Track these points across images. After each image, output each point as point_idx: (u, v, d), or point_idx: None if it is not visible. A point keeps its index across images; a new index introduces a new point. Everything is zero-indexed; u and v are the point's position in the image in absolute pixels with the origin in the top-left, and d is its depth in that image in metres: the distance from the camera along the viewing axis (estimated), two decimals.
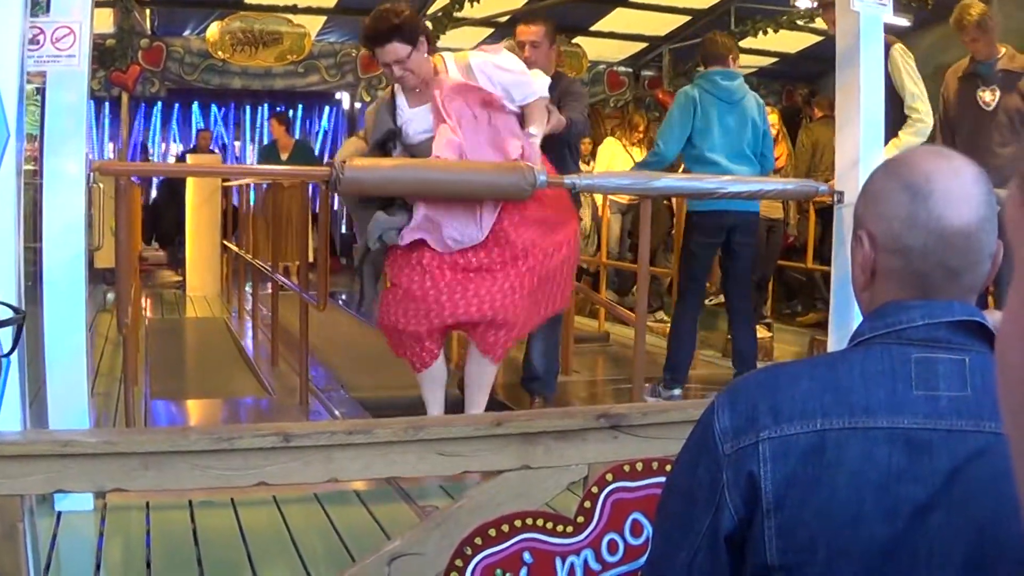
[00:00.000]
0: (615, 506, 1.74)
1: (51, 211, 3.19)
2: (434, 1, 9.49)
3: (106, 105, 11.93)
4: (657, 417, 2.00)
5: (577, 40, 11.02)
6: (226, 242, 9.30)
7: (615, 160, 8.12)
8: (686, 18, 10.44)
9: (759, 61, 10.86)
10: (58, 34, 3.14)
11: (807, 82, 10.85)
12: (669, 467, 1.67)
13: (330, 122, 14.17)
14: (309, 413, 4.70)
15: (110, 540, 3.06)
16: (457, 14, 9.46)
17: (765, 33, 9.61)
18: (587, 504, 1.74)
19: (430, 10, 9.76)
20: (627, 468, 1.76)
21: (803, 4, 8.83)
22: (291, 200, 7.56)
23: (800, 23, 9.40)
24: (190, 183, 9.75)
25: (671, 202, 6.70)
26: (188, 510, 3.24)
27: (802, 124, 8.24)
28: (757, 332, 6.64)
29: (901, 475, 1.06)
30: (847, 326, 3.64)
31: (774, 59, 10.95)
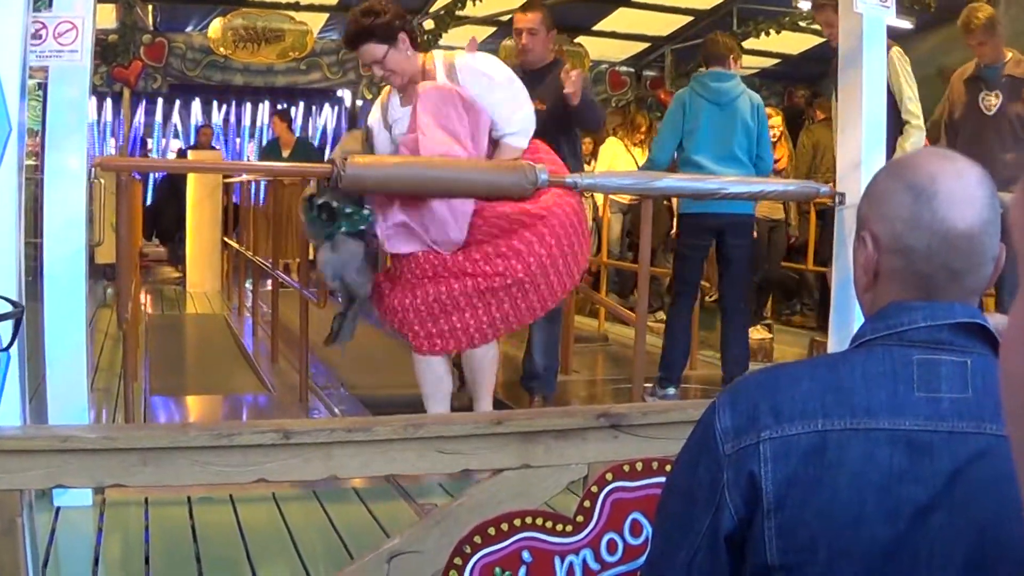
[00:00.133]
0: (615, 506, 1.74)
1: (52, 206, 3.19)
2: None
3: (108, 101, 11.94)
4: (657, 417, 2.00)
5: (579, 40, 11.04)
6: (227, 239, 9.31)
7: (616, 160, 8.12)
8: (688, 18, 10.46)
9: (761, 62, 10.88)
10: (60, 29, 3.14)
11: (809, 83, 10.85)
12: (669, 467, 1.67)
13: (332, 119, 14.17)
14: (309, 410, 4.69)
15: (109, 536, 3.06)
16: (459, 12, 9.46)
17: (767, 34, 9.61)
18: (587, 503, 1.74)
19: (432, 8, 9.77)
20: (627, 468, 1.76)
21: (805, 5, 8.82)
22: (292, 197, 7.56)
23: (802, 24, 9.41)
24: (191, 179, 9.75)
25: (671, 203, 6.70)
26: (187, 506, 3.24)
27: (804, 125, 8.23)
28: (758, 333, 6.66)
29: (902, 476, 1.06)
30: (848, 327, 3.63)
31: (776, 60, 10.97)
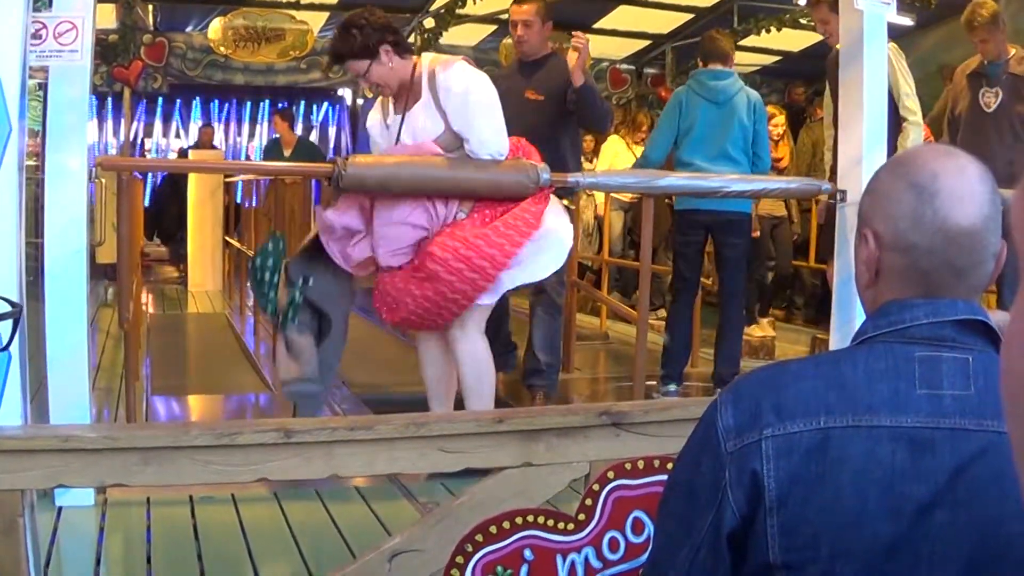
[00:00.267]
0: (616, 504, 1.74)
1: (53, 206, 3.18)
2: None
3: (109, 100, 11.94)
4: (659, 415, 2.00)
5: None
6: (228, 238, 9.31)
7: (618, 158, 8.12)
8: (689, 16, 10.44)
9: (762, 59, 10.85)
10: (60, 29, 3.14)
11: (810, 81, 10.83)
12: (671, 465, 1.67)
13: (332, 118, 14.16)
14: None
15: (110, 535, 3.06)
16: (459, 10, 9.45)
17: (768, 31, 9.58)
18: (588, 501, 1.74)
19: (432, 7, 9.77)
20: (628, 466, 1.76)
21: (806, 2, 8.81)
22: (293, 196, 7.56)
23: (803, 21, 9.37)
24: (192, 179, 9.75)
25: (672, 200, 6.70)
26: (189, 506, 3.24)
27: (805, 123, 8.21)
28: (760, 331, 6.66)
29: (904, 474, 1.06)
30: (849, 325, 3.63)
31: (777, 57, 10.94)
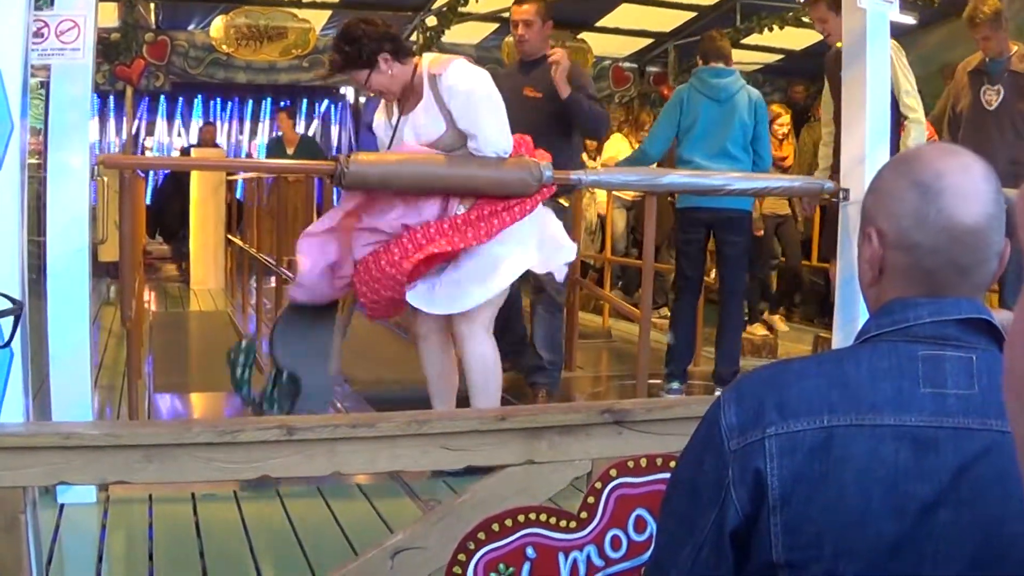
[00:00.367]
0: (619, 502, 1.74)
1: (55, 204, 3.19)
2: None
3: (111, 99, 11.94)
4: (661, 413, 2.00)
5: (582, 36, 11.01)
6: (230, 236, 9.31)
7: (621, 156, 8.11)
8: (692, 14, 10.42)
9: (764, 58, 10.84)
10: (62, 27, 3.14)
11: (812, 79, 10.82)
12: (673, 463, 1.67)
13: (334, 116, 14.16)
14: None
15: (112, 533, 3.07)
16: (462, 9, 9.44)
17: (771, 30, 9.57)
18: (591, 499, 1.74)
19: (434, 5, 9.76)
20: (631, 464, 1.76)
21: (804, 1, 8.79)
22: (296, 194, 7.57)
23: (805, 19, 9.35)
24: (194, 177, 9.76)
25: (675, 198, 6.70)
26: (191, 503, 3.24)
27: (807, 122, 8.20)
28: (763, 329, 6.66)
29: (908, 473, 1.05)
30: (852, 323, 3.62)
31: (779, 56, 10.93)
